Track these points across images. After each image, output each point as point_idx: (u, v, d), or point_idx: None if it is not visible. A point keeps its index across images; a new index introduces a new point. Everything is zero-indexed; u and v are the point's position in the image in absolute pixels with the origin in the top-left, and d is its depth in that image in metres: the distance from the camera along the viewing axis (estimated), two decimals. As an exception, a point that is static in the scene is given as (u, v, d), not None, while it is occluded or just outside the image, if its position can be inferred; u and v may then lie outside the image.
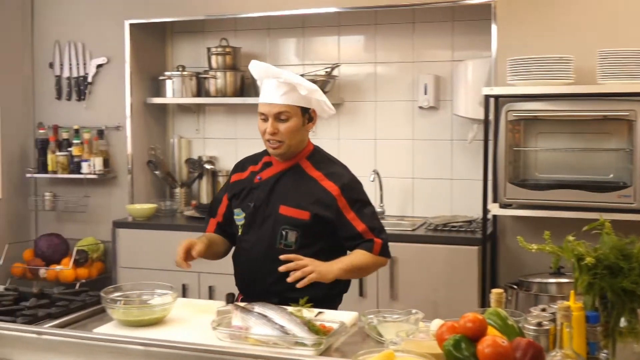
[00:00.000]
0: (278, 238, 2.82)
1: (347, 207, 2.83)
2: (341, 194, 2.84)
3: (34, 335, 2.02)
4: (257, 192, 2.90)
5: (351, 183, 2.90)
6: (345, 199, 2.84)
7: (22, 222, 5.26)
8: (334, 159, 3.01)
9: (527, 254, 4.08)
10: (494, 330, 1.84)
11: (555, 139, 4.02)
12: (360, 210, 2.85)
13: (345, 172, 2.96)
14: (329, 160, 2.98)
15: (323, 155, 3.00)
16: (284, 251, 2.77)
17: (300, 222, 2.81)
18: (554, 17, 4.06)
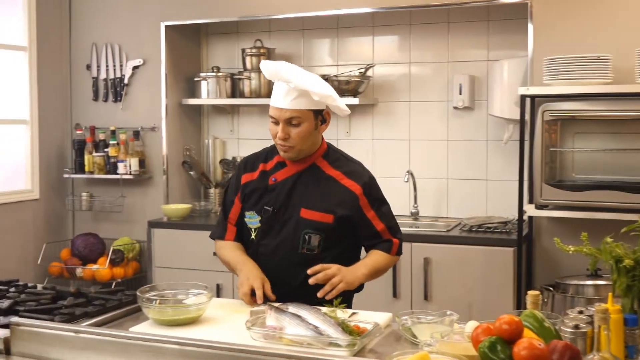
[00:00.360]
0: (300, 243, 2.74)
1: (367, 206, 2.78)
2: (363, 193, 2.77)
3: (72, 333, 2.04)
4: (274, 194, 2.79)
5: (371, 181, 2.83)
6: (367, 197, 2.78)
7: (59, 222, 5.33)
8: (349, 157, 2.91)
9: (563, 255, 4.06)
10: (530, 333, 1.82)
11: (593, 139, 3.97)
12: (380, 209, 2.81)
13: (363, 170, 2.87)
14: (344, 158, 2.87)
15: (338, 153, 2.90)
16: (307, 255, 2.73)
17: (324, 225, 2.73)
18: (592, 16, 4.01)
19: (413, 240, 4.19)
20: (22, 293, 2.72)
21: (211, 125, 5.41)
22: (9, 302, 2.53)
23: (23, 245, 5.00)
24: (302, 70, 2.71)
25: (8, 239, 4.87)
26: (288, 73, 2.66)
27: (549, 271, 4.13)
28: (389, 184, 4.87)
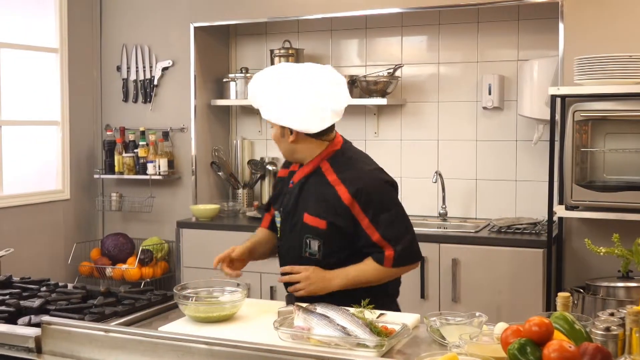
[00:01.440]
0: (303, 246, 2.74)
1: (361, 214, 2.65)
2: (354, 201, 2.64)
3: (102, 332, 2.06)
4: (288, 197, 2.82)
5: (367, 187, 2.66)
6: (359, 205, 2.64)
7: (89, 222, 5.38)
8: (358, 158, 2.79)
9: (594, 257, 4.01)
10: (561, 335, 1.80)
11: (624, 140, 3.92)
12: (376, 217, 2.65)
13: (364, 174, 2.70)
14: (349, 161, 2.74)
15: (346, 156, 2.77)
16: (309, 259, 2.72)
17: (320, 231, 2.70)
18: (623, 15, 3.97)
19: (441, 242, 4.18)
20: (53, 292, 2.75)
21: (239, 126, 5.43)
22: (40, 302, 2.56)
23: (54, 245, 5.06)
24: (268, 88, 2.69)
25: (39, 238, 4.93)
26: (251, 92, 2.75)
27: (579, 273, 4.09)
28: (417, 185, 4.88)
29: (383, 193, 2.71)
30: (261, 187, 5.21)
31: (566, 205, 3.91)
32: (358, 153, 2.86)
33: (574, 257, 4.13)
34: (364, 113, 5.03)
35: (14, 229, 4.73)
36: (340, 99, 2.73)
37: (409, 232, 2.74)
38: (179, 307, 2.54)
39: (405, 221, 2.75)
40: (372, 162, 2.84)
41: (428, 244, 4.18)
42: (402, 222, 2.73)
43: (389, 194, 2.73)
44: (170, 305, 2.65)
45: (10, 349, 2.19)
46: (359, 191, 2.65)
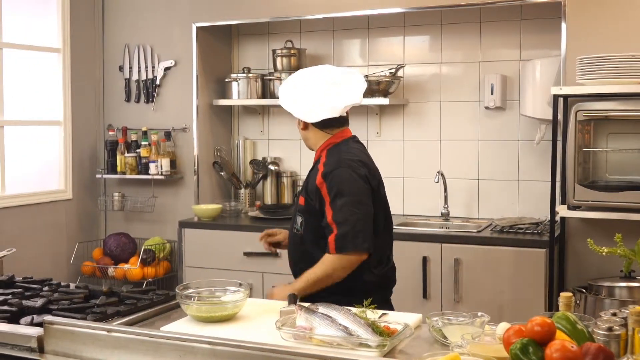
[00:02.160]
0: (293, 223, 3.04)
1: (326, 195, 2.88)
2: (323, 182, 2.89)
3: (104, 332, 2.06)
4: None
5: (335, 171, 2.87)
6: (326, 186, 2.88)
7: (91, 221, 5.39)
8: (346, 149, 2.97)
9: (596, 257, 4.01)
10: (563, 335, 1.80)
11: (626, 140, 3.91)
12: (334, 200, 2.84)
13: (338, 161, 2.91)
14: (338, 151, 2.96)
15: (339, 147, 2.98)
16: (296, 235, 3.00)
17: (302, 207, 2.98)
18: (625, 15, 3.97)
19: (443, 241, 4.18)
20: (55, 292, 2.75)
21: (242, 126, 5.43)
22: (43, 301, 2.56)
23: (56, 245, 5.07)
24: (289, 90, 3.05)
25: (41, 238, 4.94)
26: (280, 95, 3.09)
27: (581, 273, 4.08)
28: (419, 185, 4.88)
29: (347, 180, 2.87)
30: (263, 187, 5.21)
31: (568, 205, 3.90)
32: (351, 147, 3.02)
33: (576, 257, 4.13)
34: (366, 113, 5.03)
35: (17, 229, 4.73)
36: (340, 97, 2.96)
37: (357, 220, 2.82)
38: (181, 307, 2.54)
39: (357, 210, 2.84)
40: (355, 154, 2.98)
41: (430, 244, 4.19)
42: (352, 209, 2.83)
43: (352, 183, 2.87)
44: (173, 305, 2.65)
45: (13, 348, 2.19)
46: (327, 174, 2.89)
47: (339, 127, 3.02)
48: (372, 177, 2.95)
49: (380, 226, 2.94)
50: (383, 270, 2.98)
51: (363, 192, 2.88)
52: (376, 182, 2.97)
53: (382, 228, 2.97)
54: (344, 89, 2.98)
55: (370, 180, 2.93)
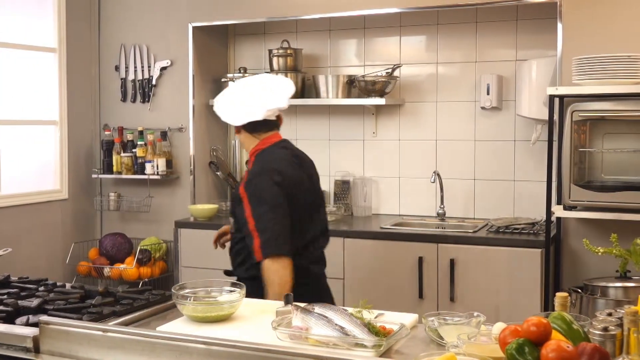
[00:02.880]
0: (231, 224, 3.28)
1: (248, 205, 3.04)
2: (245, 193, 3.05)
3: (100, 332, 2.06)
4: None
5: (254, 180, 3.07)
6: (248, 197, 3.04)
7: (87, 221, 5.38)
8: (268, 159, 3.15)
9: (591, 257, 4.02)
10: (559, 335, 1.80)
11: (622, 140, 3.92)
12: (255, 209, 3.02)
13: (258, 171, 3.11)
14: (261, 159, 3.17)
15: (264, 153, 3.19)
16: (232, 235, 3.28)
17: (232, 210, 3.23)
18: (622, 15, 3.97)
19: (439, 241, 4.18)
20: (51, 292, 2.75)
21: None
22: (38, 301, 2.55)
23: (52, 245, 5.06)
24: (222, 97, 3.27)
25: (37, 238, 4.93)
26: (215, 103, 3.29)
27: (576, 273, 4.09)
28: (415, 185, 4.89)
29: (265, 189, 3.04)
30: (259, 187, 5.20)
31: (564, 206, 3.91)
32: (275, 153, 3.19)
33: (572, 257, 4.13)
34: (362, 113, 5.03)
35: (12, 229, 4.72)
36: (263, 101, 3.17)
37: (274, 224, 3.01)
38: (177, 307, 2.54)
39: (275, 215, 3.02)
40: (274, 161, 3.14)
41: (426, 244, 4.19)
42: (271, 216, 3.02)
43: (268, 190, 3.04)
44: (169, 305, 2.65)
45: (8, 348, 2.19)
46: (248, 185, 3.08)
47: (266, 131, 3.23)
48: (289, 184, 3.08)
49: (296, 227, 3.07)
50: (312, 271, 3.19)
51: (278, 197, 3.04)
52: (294, 188, 3.11)
53: (299, 229, 3.10)
54: (269, 94, 3.19)
55: (286, 187, 3.06)
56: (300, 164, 3.25)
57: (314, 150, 5.16)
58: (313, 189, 3.29)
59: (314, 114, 5.19)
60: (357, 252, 4.36)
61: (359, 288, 4.33)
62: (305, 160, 3.34)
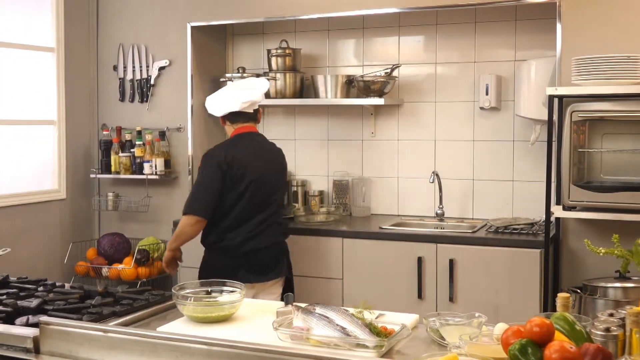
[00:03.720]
0: None
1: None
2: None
3: (100, 333, 2.05)
4: None
5: (205, 156, 3.89)
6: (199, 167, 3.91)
7: (85, 221, 5.37)
8: (229, 143, 3.92)
9: (590, 257, 4.02)
10: (561, 336, 1.80)
11: (621, 140, 3.92)
12: (197, 178, 3.90)
13: (215, 148, 3.93)
14: (224, 143, 3.97)
15: (230, 140, 3.95)
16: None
17: None
18: (621, 16, 3.97)
19: (438, 242, 4.18)
20: (51, 292, 2.75)
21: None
22: (38, 302, 2.55)
23: (50, 245, 5.05)
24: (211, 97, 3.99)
25: (35, 238, 4.92)
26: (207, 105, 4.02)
27: (575, 273, 4.09)
28: (414, 185, 4.89)
29: (204, 165, 3.85)
30: (258, 187, 5.19)
31: (563, 206, 3.91)
32: (235, 141, 3.90)
33: (570, 257, 4.13)
34: (360, 113, 5.03)
35: (10, 229, 4.71)
36: (239, 94, 3.89)
37: (198, 190, 3.83)
38: (177, 307, 2.54)
39: (201, 183, 3.82)
40: (227, 146, 3.89)
41: (425, 244, 4.19)
42: (200, 187, 3.82)
43: (205, 167, 3.83)
44: (169, 305, 2.65)
45: (8, 349, 2.18)
46: (202, 160, 3.90)
47: (242, 122, 3.93)
48: (232, 166, 3.76)
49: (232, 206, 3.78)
50: (228, 239, 3.81)
51: (212, 173, 3.77)
52: (237, 171, 3.76)
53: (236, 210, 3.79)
54: (246, 90, 3.93)
55: (225, 167, 3.76)
56: (257, 154, 3.88)
57: (312, 150, 5.18)
58: (260, 178, 3.83)
59: (312, 114, 5.18)
60: (356, 253, 4.36)
61: (357, 288, 4.33)
62: (265, 153, 3.96)
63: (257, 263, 3.84)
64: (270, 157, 3.99)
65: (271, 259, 3.90)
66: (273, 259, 3.91)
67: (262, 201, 3.86)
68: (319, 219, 4.75)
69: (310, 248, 4.45)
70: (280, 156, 4.09)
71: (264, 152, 3.96)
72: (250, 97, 3.88)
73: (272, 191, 3.93)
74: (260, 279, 3.83)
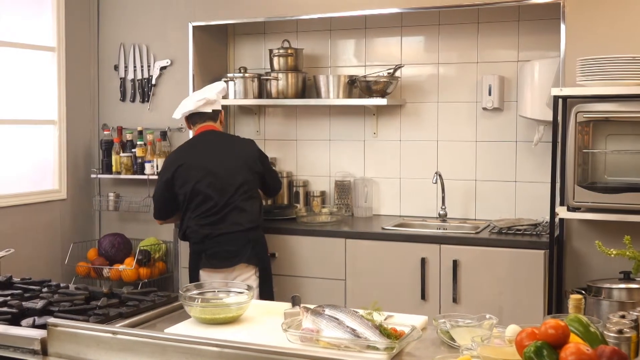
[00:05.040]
0: None
1: None
2: None
3: (109, 335, 2.03)
4: None
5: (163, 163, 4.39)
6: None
7: (86, 222, 5.34)
8: (189, 142, 4.35)
9: (594, 258, 4.02)
10: (576, 338, 1.78)
11: (625, 141, 3.91)
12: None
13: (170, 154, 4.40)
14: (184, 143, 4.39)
15: (189, 140, 4.39)
16: None
17: None
18: (625, 16, 3.96)
19: (442, 242, 4.16)
20: (55, 293, 2.73)
21: (237, 126, 5.40)
22: (43, 303, 2.53)
23: (50, 245, 5.02)
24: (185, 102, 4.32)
25: (36, 238, 4.89)
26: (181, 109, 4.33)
27: (579, 274, 4.08)
28: (416, 186, 4.88)
29: (160, 173, 4.32)
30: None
31: (568, 207, 3.89)
32: (189, 142, 4.33)
33: (574, 258, 4.12)
34: (362, 113, 5.01)
35: (11, 229, 4.69)
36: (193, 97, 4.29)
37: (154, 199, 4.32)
38: (182, 309, 2.52)
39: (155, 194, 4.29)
40: (179, 149, 4.33)
41: (429, 245, 4.18)
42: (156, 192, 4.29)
43: (161, 175, 4.25)
44: (175, 306, 2.64)
45: (15, 350, 2.16)
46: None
47: (201, 122, 4.24)
48: (171, 168, 4.13)
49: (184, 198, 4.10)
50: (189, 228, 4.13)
51: (161, 178, 4.21)
52: (176, 171, 4.09)
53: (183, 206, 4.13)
54: (201, 91, 4.31)
55: (167, 170, 4.15)
56: (209, 149, 4.14)
57: (314, 150, 5.16)
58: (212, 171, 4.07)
59: (314, 114, 5.17)
60: (358, 253, 4.34)
61: (360, 289, 4.32)
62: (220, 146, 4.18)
63: (218, 249, 4.04)
64: (226, 149, 4.18)
65: (232, 246, 4.04)
66: (235, 246, 4.05)
67: (219, 190, 4.06)
68: (321, 219, 4.73)
69: (313, 249, 4.43)
70: (244, 146, 4.27)
71: (218, 145, 4.18)
72: (203, 94, 4.22)
73: (230, 179, 4.08)
74: (220, 264, 4.04)
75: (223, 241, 4.04)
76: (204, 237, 4.07)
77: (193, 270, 4.12)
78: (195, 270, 4.10)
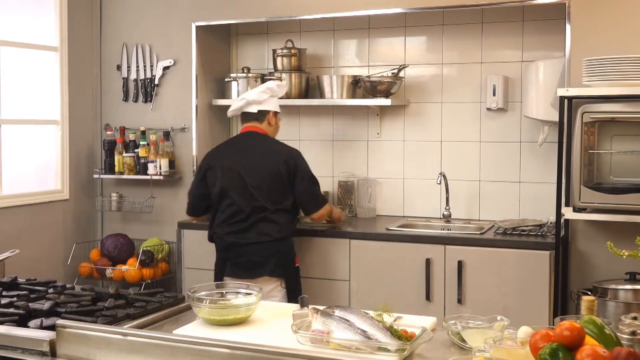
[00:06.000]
0: None
1: None
2: None
3: (120, 336, 2.02)
4: None
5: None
6: None
7: (88, 222, 5.33)
8: (228, 140, 4.46)
9: (599, 259, 4.01)
10: (591, 339, 1.77)
11: (631, 142, 3.90)
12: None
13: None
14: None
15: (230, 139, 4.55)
16: None
17: None
18: (630, 16, 3.95)
19: (447, 243, 4.15)
20: (62, 294, 2.71)
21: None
22: (50, 304, 2.52)
23: (53, 246, 5.01)
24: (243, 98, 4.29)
25: (38, 239, 4.88)
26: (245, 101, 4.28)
27: (584, 275, 4.07)
28: (421, 186, 4.87)
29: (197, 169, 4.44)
30: (262, 187, 5.16)
31: (574, 207, 3.88)
32: (227, 141, 4.44)
33: (579, 259, 4.11)
34: (366, 113, 5.00)
35: (13, 229, 4.67)
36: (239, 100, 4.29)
37: (188, 195, 4.39)
38: (189, 310, 2.51)
39: (191, 189, 4.38)
40: (216, 147, 4.36)
41: (433, 245, 4.17)
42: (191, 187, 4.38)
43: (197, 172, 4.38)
44: (182, 307, 2.62)
45: (24, 352, 2.15)
46: None
47: (245, 122, 4.28)
48: (204, 166, 4.20)
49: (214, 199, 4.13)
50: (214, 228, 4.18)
51: (196, 174, 4.35)
52: (208, 168, 4.16)
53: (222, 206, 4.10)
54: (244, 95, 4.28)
55: (201, 167, 4.25)
56: (234, 154, 4.14)
57: (317, 150, 5.15)
58: (240, 177, 4.05)
59: (317, 114, 5.16)
60: (363, 254, 4.33)
61: (365, 290, 4.30)
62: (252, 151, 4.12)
63: (242, 259, 4.02)
64: (259, 153, 4.11)
65: (257, 256, 4.00)
66: (260, 257, 4.00)
67: (245, 195, 4.03)
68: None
69: (316, 249, 4.42)
70: (278, 154, 4.12)
71: (252, 148, 4.13)
72: (244, 94, 4.26)
73: (257, 185, 4.03)
74: (245, 275, 3.92)
75: (249, 251, 4.03)
76: (230, 245, 4.07)
77: (218, 274, 4.11)
78: (220, 274, 4.10)
